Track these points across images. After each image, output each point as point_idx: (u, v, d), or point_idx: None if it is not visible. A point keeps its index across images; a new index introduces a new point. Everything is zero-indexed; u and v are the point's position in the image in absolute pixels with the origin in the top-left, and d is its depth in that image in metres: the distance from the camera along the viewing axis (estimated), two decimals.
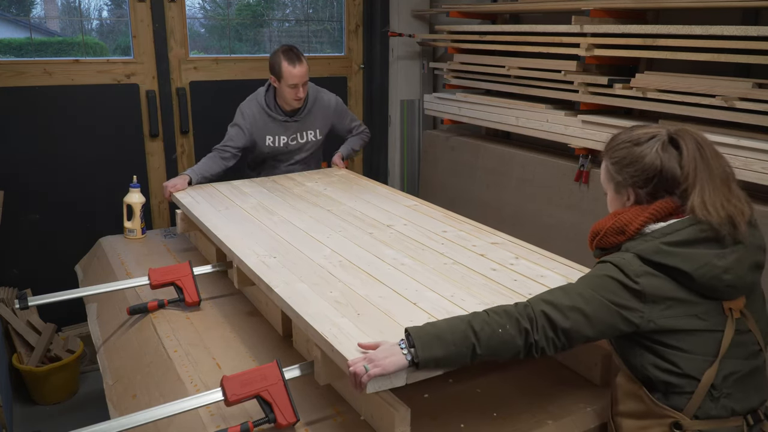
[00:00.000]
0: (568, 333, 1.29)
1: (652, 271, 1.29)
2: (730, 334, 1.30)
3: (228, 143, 2.92)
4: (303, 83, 2.87)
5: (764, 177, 2.14)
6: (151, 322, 2.03)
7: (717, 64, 2.36)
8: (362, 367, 1.28)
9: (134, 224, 2.78)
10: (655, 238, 1.31)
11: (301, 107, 3.01)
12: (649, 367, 1.33)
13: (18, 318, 3.09)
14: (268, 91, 3.00)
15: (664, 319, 1.28)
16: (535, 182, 3.10)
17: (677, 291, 1.29)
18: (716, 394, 1.30)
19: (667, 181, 1.34)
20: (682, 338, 1.30)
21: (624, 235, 1.36)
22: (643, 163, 1.34)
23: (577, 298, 1.30)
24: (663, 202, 1.34)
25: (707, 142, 1.34)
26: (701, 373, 1.29)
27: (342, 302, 1.64)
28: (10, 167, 3.24)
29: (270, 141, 3.01)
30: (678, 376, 1.31)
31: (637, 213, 1.35)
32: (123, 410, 1.76)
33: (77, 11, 3.43)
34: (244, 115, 2.96)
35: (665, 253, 1.28)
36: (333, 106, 3.11)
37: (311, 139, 3.10)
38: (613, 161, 1.41)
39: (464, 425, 1.47)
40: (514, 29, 3.10)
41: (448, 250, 2.02)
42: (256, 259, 1.94)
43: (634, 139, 1.38)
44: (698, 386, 1.29)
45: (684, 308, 1.29)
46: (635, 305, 1.28)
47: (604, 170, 1.46)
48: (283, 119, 3.00)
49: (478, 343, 1.27)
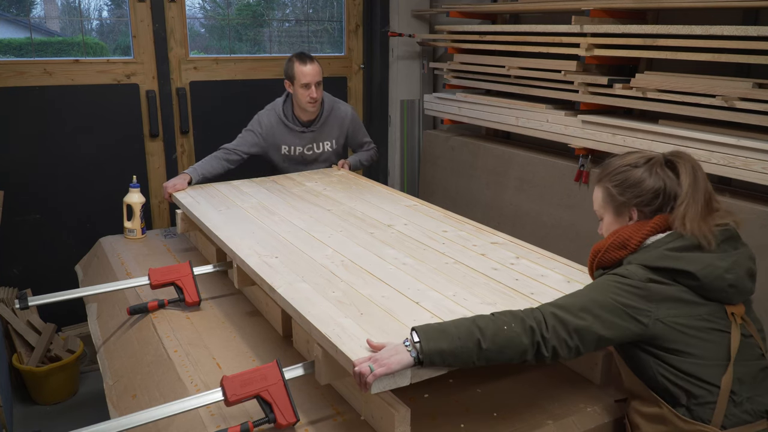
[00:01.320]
0: (580, 332, 1.30)
1: (657, 278, 1.34)
2: (737, 336, 1.33)
3: (238, 147, 2.96)
4: (316, 83, 2.90)
5: (764, 177, 2.14)
6: (151, 322, 2.03)
7: (717, 64, 2.36)
8: (367, 367, 1.28)
9: (134, 224, 2.78)
10: (657, 247, 1.37)
11: (316, 117, 3.03)
12: (667, 376, 1.34)
13: (18, 318, 3.09)
14: (285, 102, 3.05)
15: (671, 318, 1.32)
16: (535, 182, 3.10)
17: (682, 293, 1.33)
18: (737, 399, 1.32)
19: (669, 198, 1.41)
20: (692, 343, 1.32)
21: (626, 250, 1.41)
22: (647, 183, 1.42)
23: (587, 301, 1.34)
24: (663, 217, 1.41)
25: (699, 165, 1.44)
26: (719, 379, 1.31)
27: (345, 302, 1.64)
28: (10, 167, 3.24)
29: (285, 150, 3.07)
30: (696, 384, 1.32)
31: (638, 228, 1.41)
32: (123, 410, 1.76)
33: (77, 11, 3.43)
34: (262, 124, 3.02)
35: (670, 258, 1.34)
36: (349, 116, 3.14)
37: (327, 149, 3.15)
38: (614, 183, 1.45)
39: (464, 425, 1.47)
40: (514, 29, 3.10)
41: (448, 250, 2.02)
42: (257, 259, 1.94)
43: (632, 162, 1.46)
44: (719, 393, 1.30)
45: (689, 309, 1.33)
46: (643, 305, 1.32)
47: (602, 194, 1.50)
48: (300, 129, 3.04)
49: (483, 338, 1.28)
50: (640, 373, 1.40)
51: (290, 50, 4.00)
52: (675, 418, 1.33)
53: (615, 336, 1.33)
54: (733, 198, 2.34)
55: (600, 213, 1.52)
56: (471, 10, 3.48)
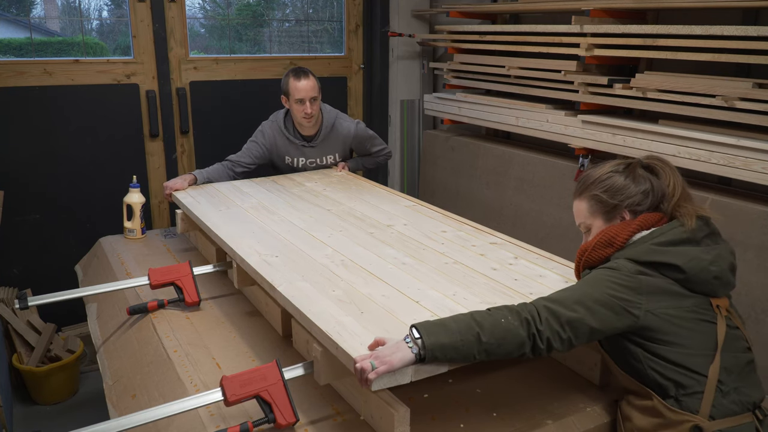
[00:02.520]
0: (572, 324, 1.33)
1: (645, 270, 1.39)
2: (723, 327, 1.38)
3: (242, 159, 2.97)
4: (310, 98, 2.87)
5: (764, 177, 2.14)
6: (151, 322, 2.03)
7: (717, 64, 2.36)
8: (369, 363, 1.28)
9: (134, 224, 2.78)
10: (644, 242, 1.42)
11: (316, 132, 3.03)
12: (656, 368, 1.38)
13: (18, 318, 3.09)
14: (286, 116, 3.05)
15: (661, 309, 1.36)
16: (535, 182, 3.10)
17: (670, 285, 1.38)
18: (725, 388, 1.35)
19: (657, 196, 1.47)
20: (680, 333, 1.36)
21: (612, 248, 1.46)
22: (634, 185, 1.48)
23: (579, 294, 1.37)
24: (648, 215, 1.46)
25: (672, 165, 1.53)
26: (706, 368, 1.35)
27: (345, 301, 1.64)
28: (10, 167, 3.24)
29: (289, 161, 3.08)
30: (685, 374, 1.35)
31: (624, 226, 1.47)
32: (123, 410, 1.76)
33: (77, 11, 3.43)
34: (265, 135, 3.02)
35: (657, 252, 1.39)
36: (352, 134, 3.09)
37: (331, 162, 3.15)
38: (603, 189, 1.50)
39: (464, 425, 1.47)
40: (514, 29, 3.10)
41: (448, 250, 2.02)
42: (258, 259, 1.94)
43: (613, 169, 1.53)
44: (707, 382, 1.34)
45: (677, 300, 1.37)
46: (634, 297, 1.36)
47: (588, 204, 1.53)
48: (301, 143, 3.04)
49: (482, 331, 1.30)
50: (630, 367, 1.43)
51: (290, 50, 4.01)
52: (665, 409, 1.36)
53: (607, 328, 1.35)
54: (733, 198, 2.34)
55: (586, 224, 1.55)
56: (471, 10, 3.48)
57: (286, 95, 2.93)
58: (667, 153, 2.41)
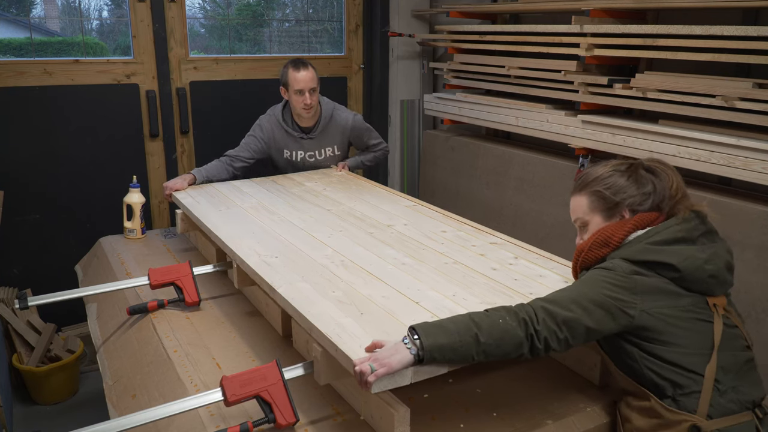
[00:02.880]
0: (568, 324, 1.33)
1: (640, 270, 1.39)
2: (720, 326, 1.38)
3: (241, 153, 2.96)
4: (309, 89, 2.88)
5: (764, 177, 2.14)
6: (151, 322, 2.03)
7: (717, 64, 2.36)
8: (368, 366, 1.28)
9: (134, 224, 2.78)
10: (639, 242, 1.42)
11: (314, 124, 3.03)
12: (652, 368, 1.37)
13: (18, 318, 3.09)
14: (285, 108, 3.05)
15: (657, 308, 1.36)
16: (535, 182, 3.10)
17: (665, 285, 1.38)
18: (722, 387, 1.35)
19: (658, 196, 1.47)
20: (676, 333, 1.36)
21: (608, 247, 1.46)
22: (637, 184, 1.48)
23: (575, 294, 1.37)
24: (644, 214, 1.47)
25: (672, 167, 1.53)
26: (703, 368, 1.35)
27: (345, 302, 1.64)
28: (10, 167, 3.24)
29: (287, 154, 3.07)
30: (681, 374, 1.35)
31: (620, 225, 1.47)
32: (123, 410, 1.76)
33: (77, 11, 3.43)
34: (263, 129, 3.02)
35: (652, 251, 1.39)
36: (350, 125, 3.10)
37: (330, 155, 3.14)
38: (605, 186, 1.51)
39: (464, 425, 1.47)
40: (514, 29, 3.10)
41: (448, 250, 2.02)
42: (257, 259, 1.94)
43: (615, 168, 1.53)
44: (704, 382, 1.34)
45: (673, 300, 1.37)
46: (628, 297, 1.36)
47: (589, 200, 1.54)
48: (299, 135, 3.04)
49: (480, 332, 1.30)
50: (628, 367, 1.43)
51: (290, 50, 4.01)
52: (662, 410, 1.36)
53: (603, 328, 1.36)
54: (733, 198, 2.34)
55: (583, 220, 1.56)
56: (471, 10, 3.48)
57: (285, 86, 2.93)
58: (667, 153, 2.41)
